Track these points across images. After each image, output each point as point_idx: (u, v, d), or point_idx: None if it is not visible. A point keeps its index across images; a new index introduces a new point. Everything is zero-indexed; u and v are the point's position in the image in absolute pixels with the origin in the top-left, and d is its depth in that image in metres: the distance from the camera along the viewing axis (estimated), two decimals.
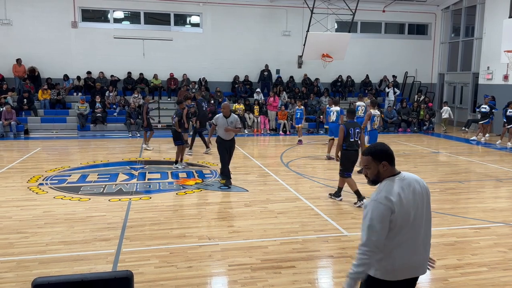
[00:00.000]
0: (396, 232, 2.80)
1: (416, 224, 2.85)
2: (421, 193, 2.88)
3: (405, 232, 2.81)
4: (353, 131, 7.69)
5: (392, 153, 2.94)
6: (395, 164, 2.95)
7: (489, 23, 18.88)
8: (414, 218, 2.83)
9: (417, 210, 2.85)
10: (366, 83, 21.58)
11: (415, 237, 2.86)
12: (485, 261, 5.43)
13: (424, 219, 2.90)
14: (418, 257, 2.90)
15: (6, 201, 7.80)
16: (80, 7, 19.15)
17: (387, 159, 2.91)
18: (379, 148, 2.97)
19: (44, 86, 18.08)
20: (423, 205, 2.89)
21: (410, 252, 2.85)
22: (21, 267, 5.10)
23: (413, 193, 2.85)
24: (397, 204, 2.77)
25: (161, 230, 6.36)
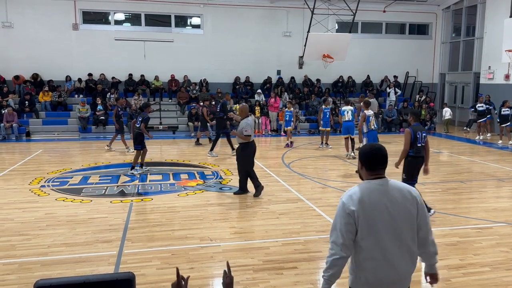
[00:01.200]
0: (364, 239, 2.65)
1: (390, 235, 2.65)
2: (402, 203, 2.69)
3: (374, 240, 2.65)
4: (420, 135, 6.88)
5: (372, 156, 2.76)
6: (376, 168, 2.77)
7: (490, 23, 18.86)
8: (386, 227, 2.65)
9: (391, 220, 2.65)
10: (367, 83, 21.57)
11: (390, 249, 2.65)
12: (487, 261, 5.42)
13: (404, 230, 2.67)
14: (396, 272, 2.68)
15: (8, 203, 7.81)
16: (81, 9, 19.19)
17: (362, 160, 2.80)
18: (362, 149, 2.89)
19: (45, 88, 18.11)
20: (403, 216, 2.67)
21: (384, 265, 2.66)
22: (23, 269, 5.10)
23: (387, 202, 2.67)
24: (358, 206, 2.64)
25: (162, 232, 6.36)
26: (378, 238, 2.65)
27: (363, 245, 2.66)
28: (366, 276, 2.69)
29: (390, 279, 2.68)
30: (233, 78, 20.50)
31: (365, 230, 2.65)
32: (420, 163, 6.99)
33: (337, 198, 8.36)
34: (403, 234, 2.68)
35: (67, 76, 18.94)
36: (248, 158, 8.28)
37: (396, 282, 2.72)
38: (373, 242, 2.65)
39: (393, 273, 2.68)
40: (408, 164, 6.98)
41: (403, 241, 2.68)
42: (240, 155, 8.28)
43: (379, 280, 2.68)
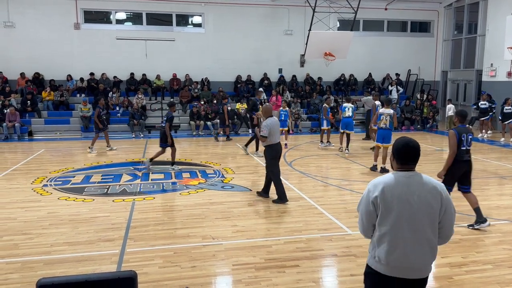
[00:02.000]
0: (381, 222, 2.90)
1: (408, 224, 2.84)
2: (424, 196, 2.85)
3: (389, 227, 2.87)
4: (465, 137, 6.32)
5: (403, 151, 2.96)
6: (406, 163, 2.96)
7: (492, 20, 18.79)
8: (404, 217, 2.84)
9: (410, 211, 2.84)
10: (369, 81, 21.54)
11: (405, 237, 2.85)
12: (490, 258, 5.41)
13: (423, 222, 2.85)
14: (408, 259, 2.86)
15: (11, 203, 7.83)
16: (83, 8, 19.21)
17: (394, 153, 3.03)
18: (397, 142, 3.05)
19: (46, 88, 18.14)
20: (424, 209, 2.85)
21: (397, 251, 2.86)
22: (26, 268, 5.12)
23: (408, 193, 2.85)
24: (380, 194, 2.86)
25: (165, 230, 6.37)
26: (395, 226, 2.86)
27: (381, 230, 2.91)
28: (379, 256, 2.92)
29: (401, 264, 2.87)
30: (235, 77, 20.50)
31: (384, 216, 2.88)
32: (463, 169, 6.39)
33: (339, 196, 8.39)
34: (422, 225, 2.85)
35: (69, 75, 18.99)
36: (273, 162, 7.73)
37: (407, 269, 2.88)
38: (389, 228, 2.87)
39: (405, 260, 2.86)
40: (449, 168, 6.38)
41: (421, 232, 2.85)
42: (266, 160, 7.85)
43: (390, 263, 2.88)
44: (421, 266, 2.90)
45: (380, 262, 2.92)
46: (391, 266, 2.89)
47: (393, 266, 2.89)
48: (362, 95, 20.46)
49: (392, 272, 2.90)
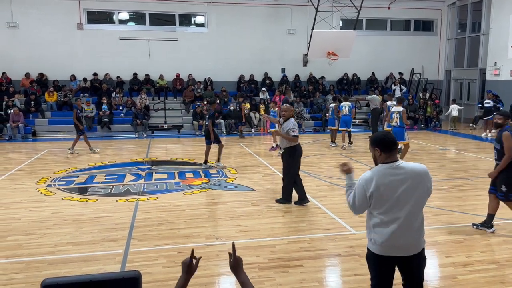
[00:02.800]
0: (375, 210, 3.21)
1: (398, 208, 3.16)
2: (411, 182, 3.16)
3: (382, 212, 3.19)
4: None
5: (386, 141, 3.21)
6: (392, 151, 3.23)
7: (495, 18, 18.72)
8: (392, 202, 3.15)
9: (399, 197, 3.14)
10: (372, 80, 21.50)
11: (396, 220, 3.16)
12: (494, 258, 5.39)
13: (411, 205, 3.16)
14: (403, 238, 3.18)
15: (15, 203, 7.86)
16: (86, 9, 19.26)
17: (378, 146, 3.23)
18: (375, 135, 3.35)
19: (50, 89, 18.20)
20: (411, 194, 3.16)
21: (390, 232, 3.17)
22: (30, 268, 5.14)
23: (398, 181, 3.15)
24: (373, 187, 3.15)
25: (168, 230, 6.38)
26: (388, 211, 3.18)
27: (375, 215, 3.23)
28: (374, 239, 3.24)
29: (394, 244, 3.20)
30: (238, 77, 20.51)
31: (378, 204, 3.19)
32: None
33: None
34: (411, 207, 3.18)
35: (72, 75, 19.03)
36: (296, 164, 7.56)
37: (401, 247, 3.22)
38: (383, 213, 3.19)
39: (397, 239, 3.18)
40: (508, 174, 5.85)
41: (411, 213, 3.18)
42: (288, 160, 7.52)
43: (383, 243, 3.20)
44: (413, 242, 3.23)
45: (375, 244, 3.23)
46: (385, 246, 3.20)
47: (387, 246, 3.19)
48: (365, 94, 20.45)
49: (387, 251, 3.22)
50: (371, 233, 3.27)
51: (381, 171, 3.20)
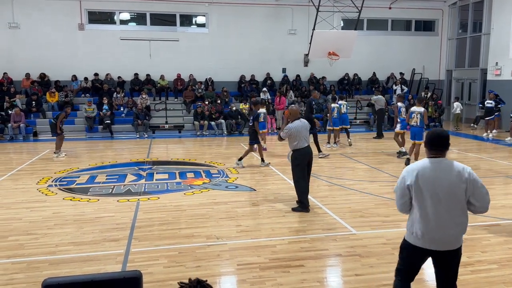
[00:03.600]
0: (416, 202, 3.41)
1: (438, 203, 3.34)
2: (451, 179, 3.34)
3: (423, 206, 3.38)
4: None
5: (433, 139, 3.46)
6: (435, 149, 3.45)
7: (497, 18, 18.69)
8: (434, 197, 3.34)
9: (439, 192, 3.33)
10: (373, 80, 21.49)
11: (436, 213, 3.35)
12: (495, 258, 5.39)
13: (451, 201, 3.34)
14: (440, 232, 3.37)
15: (16, 203, 7.87)
16: (87, 9, 19.27)
17: (425, 142, 3.55)
18: (428, 132, 3.58)
19: (51, 89, 18.22)
20: (450, 190, 3.33)
21: (429, 225, 3.37)
22: (31, 268, 5.14)
23: (438, 177, 3.35)
24: (413, 179, 3.38)
25: (169, 230, 6.39)
26: (428, 205, 3.36)
27: (417, 209, 3.42)
28: (416, 232, 3.44)
29: (433, 238, 3.38)
30: (239, 77, 20.51)
31: (419, 198, 3.39)
32: None
33: (344, 196, 8.38)
34: (450, 204, 3.34)
35: (73, 75, 19.05)
36: (295, 170, 7.29)
37: (438, 240, 3.39)
38: (424, 207, 3.38)
39: (436, 234, 3.37)
40: None
41: (449, 210, 3.35)
42: (291, 166, 7.45)
43: (424, 235, 3.39)
44: (450, 239, 3.39)
45: (417, 237, 3.43)
46: (426, 239, 3.39)
47: (427, 239, 3.39)
48: (366, 94, 20.46)
49: (426, 244, 3.41)
50: (413, 226, 3.45)
51: (423, 164, 3.43)
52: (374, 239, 6.00)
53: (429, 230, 3.38)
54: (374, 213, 7.15)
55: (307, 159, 7.28)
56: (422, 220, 3.39)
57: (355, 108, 19.75)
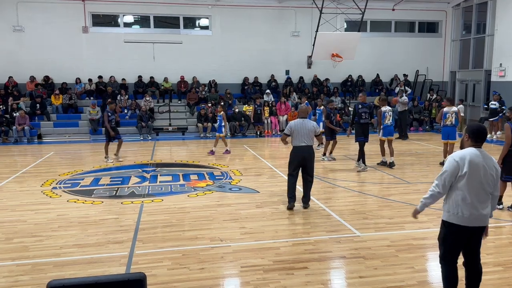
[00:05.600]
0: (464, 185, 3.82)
1: (479, 186, 3.83)
2: (490, 167, 3.86)
3: (471, 188, 3.82)
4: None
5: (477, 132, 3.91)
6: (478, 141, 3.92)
7: (500, 20, 18.63)
8: (478, 181, 3.81)
9: (482, 176, 3.82)
10: (376, 82, 21.46)
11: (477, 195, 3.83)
12: (500, 260, 5.36)
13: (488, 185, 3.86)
14: (479, 212, 3.86)
15: (21, 205, 7.90)
16: (91, 12, 19.36)
17: (470, 134, 3.94)
18: (471, 125, 4.01)
19: (56, 92, 18.30)
20: (489, 175, 3.85)
21: (471, 206, 3.83)
22: (36, 270, 5.16)
23: (483, 163, 3.83)
24: (467, 164, 3.80)
25: (173, 232, 6.39)
26: (472, 187, 3.84)
27: (463, 190, 3.84)
28: (462, 211, 3.87)
29: (474, 216, 3.87)
30: (242, 79, 20.54)
31: (468, 180, 3.82)
32: None
33: (347, 198, 8.37)
34: (488, 186, 3.88)
35: (77, 78, 19.13)
36: (289, 165, 7.45)
37: (478, 219, 3.89)
38: (470, 189, 3.83)
39: (477, 212, 3.86)
40: (508, 159, 6.97)
41: (486, 192, 3.89)
42: None
43: (470, 215, 3.86)
44: (487, 216, 3.93)
45: (463, 217, 3.86)
46: (472, 218, 3.85)
47: (474, 218, 3.86)
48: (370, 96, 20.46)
49: (473, 222, 3.87)
50: (458, 207, 3.86)
51: (472, 152, 3.87)
52: (378, 241, 5.98)
53: (474, 210, 3.84)
54: (378, 215, 7.14)
55: (301, 159, 7.32)
56: (470, 201, 3.82)
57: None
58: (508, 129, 6.95)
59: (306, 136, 7.30)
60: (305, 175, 7.50)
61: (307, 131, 7.30)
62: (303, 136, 7.28)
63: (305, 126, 7.32)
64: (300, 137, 7.28)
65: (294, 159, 7.38)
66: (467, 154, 3.85)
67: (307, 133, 7.30)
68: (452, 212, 3.91)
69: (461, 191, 3.84)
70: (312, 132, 7.37)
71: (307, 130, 7.30)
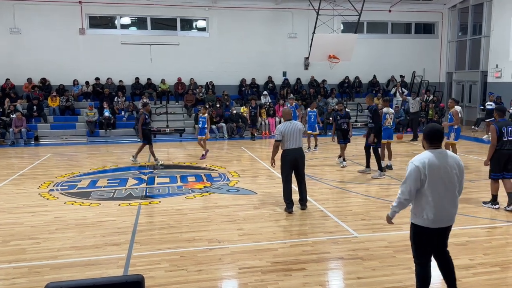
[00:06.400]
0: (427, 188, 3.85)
1: (443, 186, 3.86)
2: (452, 166, 3.88)
3: (434, 190, 3.85)
4: (506, 130, 7.19)
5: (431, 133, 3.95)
6: (434, 142, 3.94)
7: (496, 21, 18.72)
8: (440, 182, 3.84)
9: (445, 175, 3.86)
10: (373, 83, 21.51)
11: (442, 196, 3.86)
12: (497, 260, 5.37)
13: (451, 184, 3.89)
14: (446, 212, 3.91)
15: (18, 207, 7.88)
16: (88, 14, 19.34)
17: (424, 136, 4.02)
18: (426, 127, 4.07)
19: (53, 93, 18.26)
20: (452, 175, 3.88)
21: (437, 207, 3.86)
22: (33, 272, 5.14)
23: (442, 164, 3.86)
24: (427, 167, 3.82)
25: (171, 234, 6.38)
26: (435, 189, 3.87)
27: (427, 194, 3.87)
28: (427, 214, 3.90)
29: (442, 217, 3.92)
30: (239, 80, 20.55)
31: (430, 184, 3.85)
32: (505, 157, 7.23)
33: (345, 198, 8.38)
34: (451, 186, 3.92)
35: (75, 80, 19.09)
36: (283, 169, 7.44)
37: (444, 220, 3.95)
38: (433, 191, 3.87)
39: (444, 213, 3.92)
40: (493, 157, 7.33)
41: (452, 191, 3.93)
42: None
43: (435, 217, 3.89)
44: (453, 215, 4.00)
45: (428, 219, 3.89)
46: (437, 220, 3.90)
47: (439, 219, 3.91)
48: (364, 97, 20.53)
49: (437, 224, 3.92)
50: (424, 211, 3.90)
51: (429, 155, 3.90)
52: (376, 242, 5.99)
53: (440, 212, 3.88)
54: (376, 216, 7.15)
55: (294, 161, 7.32)
56: (434, 203, 3.87)
57: (356, 110, 19.77)
58: (493, 131, 7.25)
59: (297, 138, 7.32)
60: (298, 177, 7.51)
61: (297, 133, 7.31)
62: (294, 138, 7.28)
63: (294, 127, 7.33)
64: (291, 140, 7.27)
65: (287, 162, 7.36)
66: (425, 157, 3.88)
67: (297, 134, 7.32)
68: (419, 215, 3.95)
69: (425, 194, 3.88)
70: (301, 132, 7.42)
71: (296, 131, 7.32)
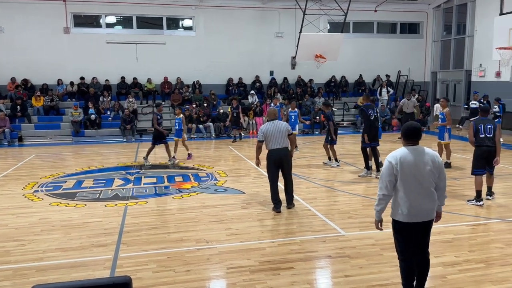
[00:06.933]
0: (400, 184, 3.99)
1: (417, 183, 3.97)
2: (426, 162, 3.98)
3: (406, 186, 3.97)
4: (482, 127, 7.54)
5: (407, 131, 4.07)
6: (409, 139, 4.06)
7: (480, 21, 19.00)
8: (414, 178, 3.96)
9: (418, 173, 3.95)
10: (359, 83, 21.67)
11: (416, 192, 3.97)
12: (482, 257, 5.45)
13: (426, 180, 3.98)
14: (421, 207, 4.01)
15: (2, 209, 7.75)
16: (72, 12, 19.10)
17: (401, 133, 4.17)
18: (404, 125, 4.18)
19: (37, 93, 18.00)
20: (427, 171, 3.97)
21: (412, 202, 3.97)
22: (18, 275, 5.06)
23: (416, 161, 3.97)
24: (399, 164, 3.96)
25: (158, 235, 6.34)
26: (412, 185, 3.98)
27: (400, 189, 4.01)
28: (402, 210, 4.03)
29: (416, 211, 4.02)
30: (226, 80, 20.51)
31: (404, 180, 3.98)
32: (485, 153, 7.52)
33: (332, 197, 8.43)
34: (427, 182, 4.01)
35: (59, 79, 18.85)
36: (267, 169, 7.43)
37: (418, 215, 4.03)
38: (406, 186, 3.99)
39: (419, 208, 4.01)
40: (474, 154, 7.67)
41: (427, 187, 4.02)
42: None
43: (409, 211, 4.00)
44: (430, 210, 4.07)
45: (403, 214, 4.02)
46: (412, 214, 4.00)
47: (414, 214, 4.00)
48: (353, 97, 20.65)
49: (413, 218, 4.01)
50: (399, 207, 4.03)
51: (403, 151, 4.03)
52: (363, 240, 6.03)
53: (414, 207, 3.98)
54: (363, 214, 7.20)
55: (278, 161, 7.28)
56: (407, 199, 3.98)
57: (342, 110, 19.90)
58: (470, 128, 7.66)
59: (280, 138, 7.25)
60: (284, 175, 7.48)
61: (280, 133, 7.24)
62: (277, 138, 7.22)
63: (277, 127, 7.27)
64: (275, 140, 7.22)
65: (271, 162, 7.31)
66: (398, 154, 4.02)
67: (281, 134, 7.24)
68: (395, 210, 4.09)
69: (398, 189, 4.02)
70: (285, 132, 7.32)
71: (280, 132, 7.24)
